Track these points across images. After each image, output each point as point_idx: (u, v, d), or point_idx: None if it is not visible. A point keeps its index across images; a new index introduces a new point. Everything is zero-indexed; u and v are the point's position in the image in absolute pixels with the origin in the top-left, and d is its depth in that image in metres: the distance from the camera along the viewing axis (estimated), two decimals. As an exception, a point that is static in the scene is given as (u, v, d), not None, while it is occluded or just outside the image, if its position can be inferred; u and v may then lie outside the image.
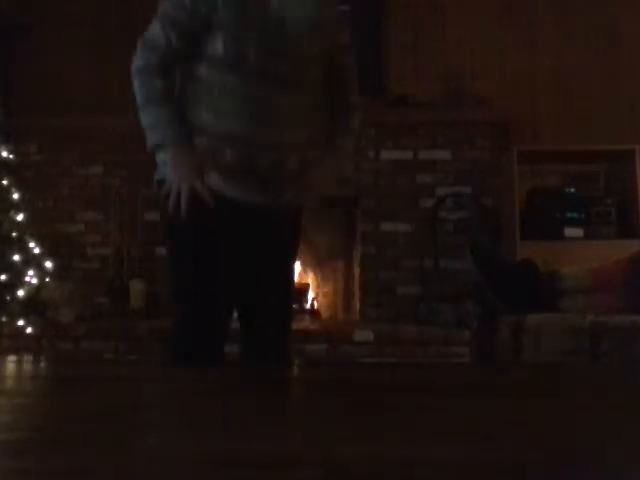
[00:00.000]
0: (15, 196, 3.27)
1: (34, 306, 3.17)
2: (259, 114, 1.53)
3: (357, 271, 3.85)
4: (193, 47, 1.54)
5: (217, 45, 1.51)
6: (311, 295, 3.91)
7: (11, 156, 3.32)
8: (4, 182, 3.25)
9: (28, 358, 1.91)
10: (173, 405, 0.77)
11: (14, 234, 3.20)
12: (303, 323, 3.52)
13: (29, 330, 3.14)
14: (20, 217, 3.25)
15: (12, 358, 1.81)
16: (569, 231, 3.60)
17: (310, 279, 3.99)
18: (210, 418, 0.69)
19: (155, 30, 1.54)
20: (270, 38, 1.52)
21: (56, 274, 3.36)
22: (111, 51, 3.86)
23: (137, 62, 1.56)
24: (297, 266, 3.97)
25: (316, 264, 4.02)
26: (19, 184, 3.33)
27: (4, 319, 3.10)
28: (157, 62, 1.54)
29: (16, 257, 3.14)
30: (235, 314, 1.70)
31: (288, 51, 1.54)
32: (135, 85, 1.56)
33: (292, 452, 0.53)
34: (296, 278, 3.93)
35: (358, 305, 3.81)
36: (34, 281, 3.20)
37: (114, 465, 0.48)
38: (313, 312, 3.83)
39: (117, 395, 0.85)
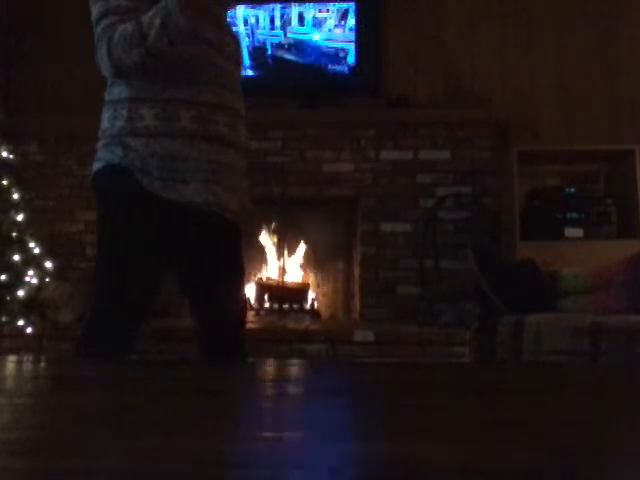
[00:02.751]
0: (15, 196, 3.27)
1: (34, 306, 3.17)
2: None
3: (357, 271, 3.85)
4: None
5: None
6: (311, 295, 3.91)
7: (11, 156, 3.32)
8: (4, 182, 3.25)
9: (28, 358, 1.91)
10: (174, 404, 0.77)
11: (14, 234, 3.19)
12: (303, 323, 3.52)
13: (29, 330, 3.14)
14: (20, 217, 3.25)
15: (12, 358, 1.81)
16: (569, 231, 3.60)
17: (310, 279, 3.99)
18: (211, 418, 0.69)
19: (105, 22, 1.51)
20: None
21: (56, 274, 3.36)
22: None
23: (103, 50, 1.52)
24: (296, 266, 3.97)
25: (316, 264, 4.02)
26: (19, 184, 3.33)
27: (4, 319, 3.10)
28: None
29: (16, 257, 3.14)
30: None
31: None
32: (115, 56, 1.48)
33: (291, 452, 0.53)
34: (296, 278, 3.95)
35: (358, 305, 3.81)
36: (34, 281, 3.20)
37: (114, 465, 0.48)
38: (313, 312, 3.83)
39: (117, 395, 0.85)
